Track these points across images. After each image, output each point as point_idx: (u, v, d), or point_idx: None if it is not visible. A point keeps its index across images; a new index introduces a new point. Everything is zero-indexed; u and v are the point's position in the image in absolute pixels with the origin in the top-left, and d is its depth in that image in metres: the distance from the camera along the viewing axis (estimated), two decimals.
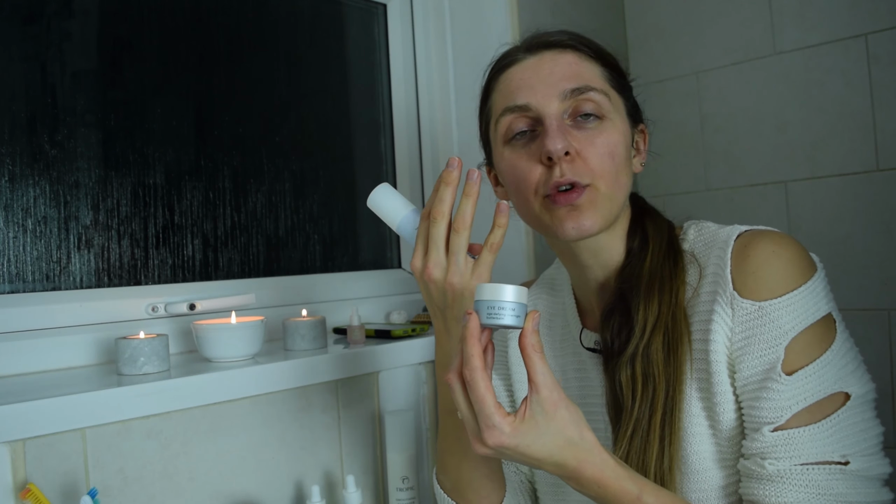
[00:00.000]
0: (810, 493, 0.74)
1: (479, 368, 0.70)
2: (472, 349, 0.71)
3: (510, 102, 0.89)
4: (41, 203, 1.12)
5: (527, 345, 0.71)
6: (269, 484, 1.08)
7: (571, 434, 0.72)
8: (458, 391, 0.73)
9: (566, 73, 0.88)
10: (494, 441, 0.70)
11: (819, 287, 0.80)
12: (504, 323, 0.71)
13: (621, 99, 0.91)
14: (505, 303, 0.71)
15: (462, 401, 0.73)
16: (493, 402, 0.70)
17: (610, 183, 0.86)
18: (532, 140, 0.88)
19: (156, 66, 1.27)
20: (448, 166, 0.82)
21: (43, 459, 0.87)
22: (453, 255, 0.81)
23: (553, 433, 0.71)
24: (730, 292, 0.81)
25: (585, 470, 0.72)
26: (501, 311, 0.71)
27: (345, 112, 1.58)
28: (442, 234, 0.81)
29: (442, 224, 0.81)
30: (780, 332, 0.78)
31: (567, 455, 0.72)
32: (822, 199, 1.53)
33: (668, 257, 0.89)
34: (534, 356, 0.71)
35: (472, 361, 0.71)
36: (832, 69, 1.50)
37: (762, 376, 0.78)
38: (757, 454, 0.78)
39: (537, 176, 0.86)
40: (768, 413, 0.77)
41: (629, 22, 1.84)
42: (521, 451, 0.71)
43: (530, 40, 0.93)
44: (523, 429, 0.70)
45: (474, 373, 0.70)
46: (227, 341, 1.06)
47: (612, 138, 0.87)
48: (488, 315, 0.71)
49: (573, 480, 0.74)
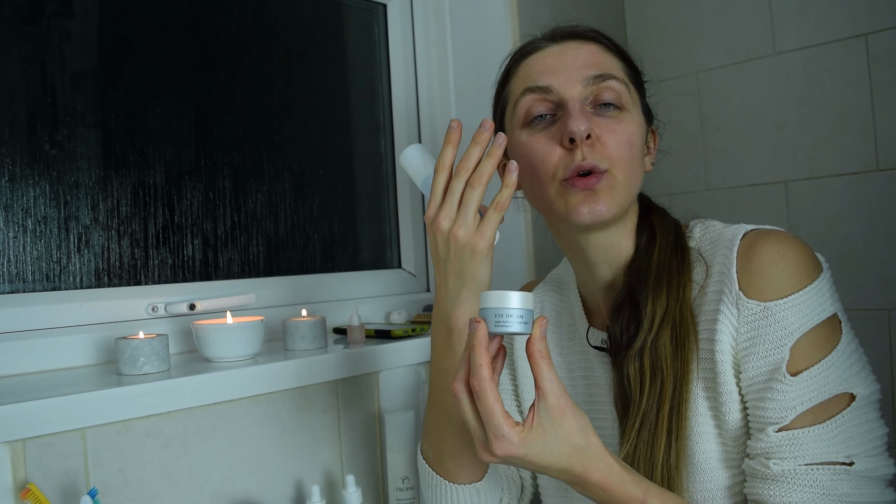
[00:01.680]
0: (815, 494, 0.74)
1: (487, 379, 0.70)
2: (481, 359, 0.70)
3: (531, 83, 0.89)
4: (41, 203, 1.12)
5: (534, 351, 0.71)
6: (269, 484, 1.08)
7: (578, 441, 0.72)
8: (464, 401, 0.73)
9: (589, 61, 0.89)
10: (503, 451, 0.71)
11: (825, 287, 0.80)
12: (512, 330, 0.71)
13: (638, 94, 0.93)
14: (512, 310, 0.71)
15: (469, 411, 0.73)
16: (501, 413, 0.70)
17: (627, 171, 0.86)
18: (552, 123, 0.88)
19: (156, 66, 1.27)
20: (481, 128, 0.82)
21: (43, 459, 0.87)
22: (464, 208, 0.82)
23: (560, 440, 0.71)
24: (735, 292, 0.81)
25: (591, 475, 0.73)
26: (509, 318, 0.71)
27: (345, 112, 1.58)
28: (461, 188, 0.82)
29: (464, 178, 0.82)
30: (785, 333, 0.78)
31: (573, 461, 0.72)
32: (822, 199, 1.53)
33: (675, 253, 0.89)
34: (541, 362, 0.71)
35: (481, 372, 0.70)
36: (832, 69, 1.50)
37: (767, 377, 0.78)
38: (762, 454, 0.78)
39: (556, 159, 0.86)
40: (773, 413, 0.77)
41: (629, 22, 1.84)
42: (528, 459, 0.71)
43: (553, 31, 0.94)
44: (531, 437, 0.71)
45: (483, 383, 0.70)
46: (227, 341, 1.06)
47: (631, 128, 0.88)
48: (496, 323, 0.71)
49: (578, 486, 0.75)
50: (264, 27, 1.43)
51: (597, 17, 1.75)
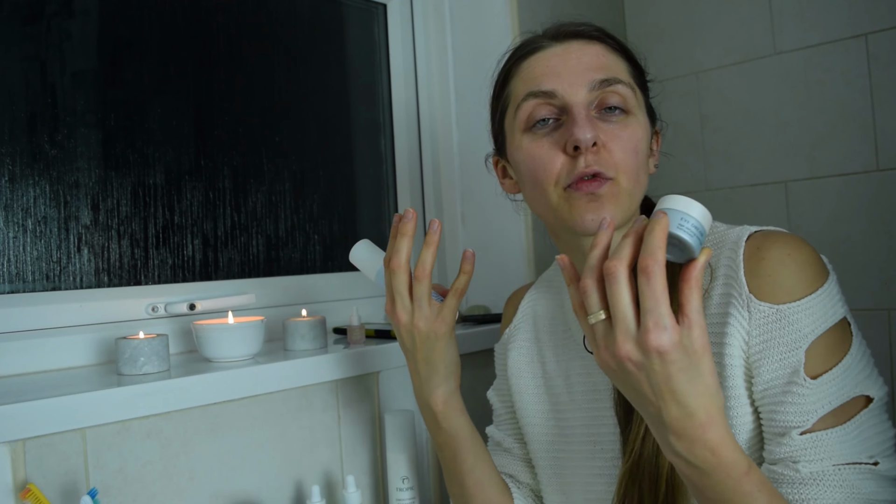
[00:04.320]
0: (845, 494, 0.73)
1: (662, 262, 0.63)
2: (661, 241, 0.63)
3: (535, 87, 0.87)
4: (41, 203, 1.12)
5: (693, 277, 0.64)
6: (269, 484, 1.08)
7: (712, 384, 0.65)
8: (622, 282, 0.65)
9: (594, 64, 0.86)
10: (658, 342, 0.63)
11: (834, 291, 0.79)
12: (686, 238, 0.65)
13: (643, 96, 0.91)
14: (696, 220, 0.66)
15: (625, 292, 0.65)
16: (668, 303, 0.63)
17: (632, 179, 0.85)
18: (556, 129, 0.86)
19: (156, 66, 1.27)
20: (404, 217, 0.85)
21: (43, 459, 0.87)
22: (417, 301, 0.85)
23: (699, 373, 0.65)
24: (746, 295, 0.79)
25: (710, 430, 0.65)
26: (691, 227, 0.65)
27: (345, 112, 1.58)
28: (403, 283, 0.85)
29: (401, 275, 0.85)
30: (799, 336, 0.76)
31: (703, 403, 0.65)
32: (822, 199, 1.53)
33: None
34: (696, 291, 0.64)
35: (658, 254, 0.63)
36: (832, 69, 1.50)
37: (785, 380, 0.77)
38: (787, 458, 0.76)
39: (559, 166, 0.84)
40: (794, 417, 0.76)
41: (629, 22, 1.84)
42: (667, 371, 0.64)
43: (555, 29, 0.91)
44: (683, 346, 0.64)
45: (658, 266, 0.63)
46: (227, 341, 1.06)
47: (637, 133, 0.86)
48: (679, 225, 0.65)
49: (687, 440, 0.66)
50: (264, 27, 1.43)
51: (597, 17, 1.74)
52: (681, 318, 0.65)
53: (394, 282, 0.86)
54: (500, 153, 0.97)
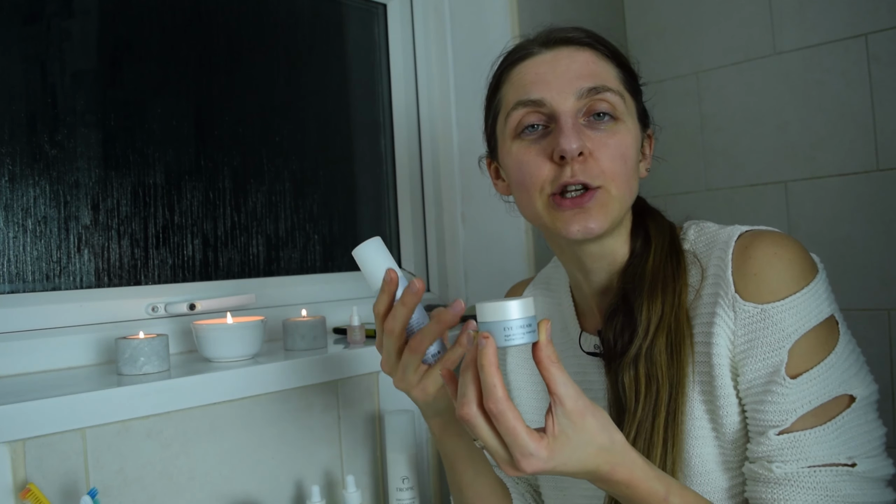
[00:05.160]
0: (818, 496, 0.74)
1: (503, 399, 0.67)
2: (493, 379, 0.67)
3: (524, 96, 0.87)
4: (41, 203, 1.12)
5: (543, 357, 0.68)
6: (269, 484, 1.08)
7: (602, 440, 0.70)
8: (481, 425, 0.69)
9: (583, 72, 0.86)
10: (533, 468, 0.68)
11: (821, 289, 0.80)
12: (522, 342, 0.68)
13: (634, 102, 0.90)
14: (519, 320, 0.68)
15: (488, 433, 0.69)
16: (525, 430, 0.67)
17: (621, 186, 0.85)
18: (544, 136, 0.86)
19: (156, 66, 1.27)
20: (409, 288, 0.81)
21: (43, 459, 0.87)
22: (402, 366, 0.84)
23: (585, 444, 0.69)
24: (731, 295, 0.80)
25: (617, 473, 0.71)
26: (518, 329, 0.68)
27: (345, 112, 1.58)
28: (393, 346, 0.84)
29: (393, 340, 0.83)
30: (783, 335, 0.77)
31: (599, 461, 0.70)
32: (822, 199, 1.53)
33: (670, 257, 0.88)
34: (552, 367, 0.69)
35: (495, 393, 0.67)
36: (832, 69, 1.50)
37: (766, 379, 0.78)
38: (763, 457, 0.77)
39: (545, 173, 0.85)
40: (773, 416, 0.77)
41: (629, 22, 1.84)
42: (558, 470, 0.69)
43: (546, 35, 0.91)
44: (557, 448, 0.68)
45: (500, 404, 0.67)
46: (227, 341, 1.06)
47: (625, 140, 0.86)
48: (505, 337, 0.68)
49: (602, 483, 0.73)
50: (264, 27, 1.43)
51: (597, 17, 1.75)
52: (552, 396, 0.69)
53: (385, 343, 0.85)
54: (492, 155, 0.97)
